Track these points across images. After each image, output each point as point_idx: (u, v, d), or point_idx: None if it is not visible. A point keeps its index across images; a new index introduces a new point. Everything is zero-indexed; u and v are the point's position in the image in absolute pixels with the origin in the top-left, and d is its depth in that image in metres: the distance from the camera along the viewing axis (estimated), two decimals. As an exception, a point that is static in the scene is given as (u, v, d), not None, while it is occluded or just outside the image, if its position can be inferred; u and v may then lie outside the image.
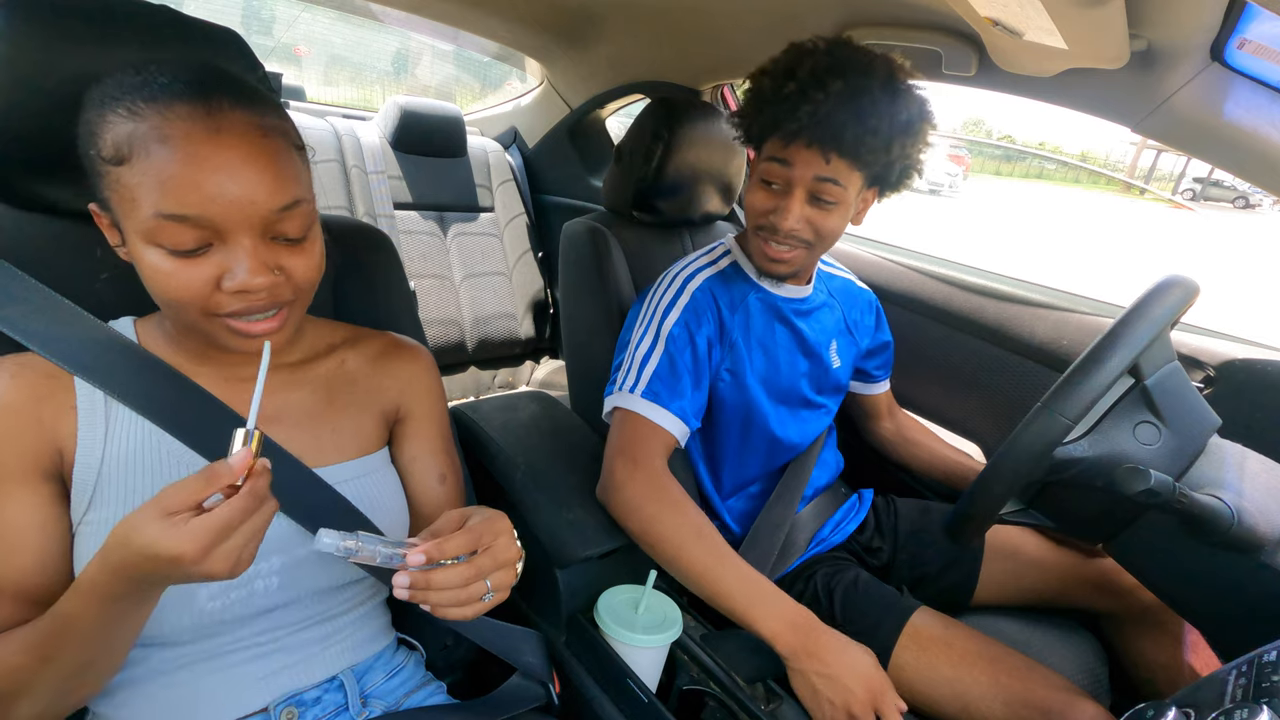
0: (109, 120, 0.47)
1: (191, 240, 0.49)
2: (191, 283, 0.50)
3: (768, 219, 0.90)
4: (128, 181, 0.48)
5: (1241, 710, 0.47)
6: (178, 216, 0.47)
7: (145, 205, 0.47)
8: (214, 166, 0.47)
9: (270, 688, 0.62)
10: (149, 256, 0.49)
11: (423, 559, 0.48)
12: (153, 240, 0.49)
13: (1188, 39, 0.78)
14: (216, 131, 0.48)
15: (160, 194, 0.47)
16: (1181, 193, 19.54)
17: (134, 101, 0.47)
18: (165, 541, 0.40)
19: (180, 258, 0.49)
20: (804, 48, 0.86)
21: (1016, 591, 1.04)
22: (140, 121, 0.47)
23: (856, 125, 0.81)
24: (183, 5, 0.70)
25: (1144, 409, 0.72)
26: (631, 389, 0.91)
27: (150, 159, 0.47)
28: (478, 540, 0.51)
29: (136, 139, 0.47)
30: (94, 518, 0.54)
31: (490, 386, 2.12)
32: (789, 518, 1.02)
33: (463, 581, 0.49)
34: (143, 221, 0.48)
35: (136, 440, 0.57)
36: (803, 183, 0.87)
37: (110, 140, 0.47)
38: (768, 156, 0.89)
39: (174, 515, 0.41)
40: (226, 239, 0.50)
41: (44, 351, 0.55)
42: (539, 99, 2.07)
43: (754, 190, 0.92)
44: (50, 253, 0.65)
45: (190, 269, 0.49)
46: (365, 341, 0.72)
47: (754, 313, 1.00)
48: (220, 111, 0.48)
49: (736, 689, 0.76)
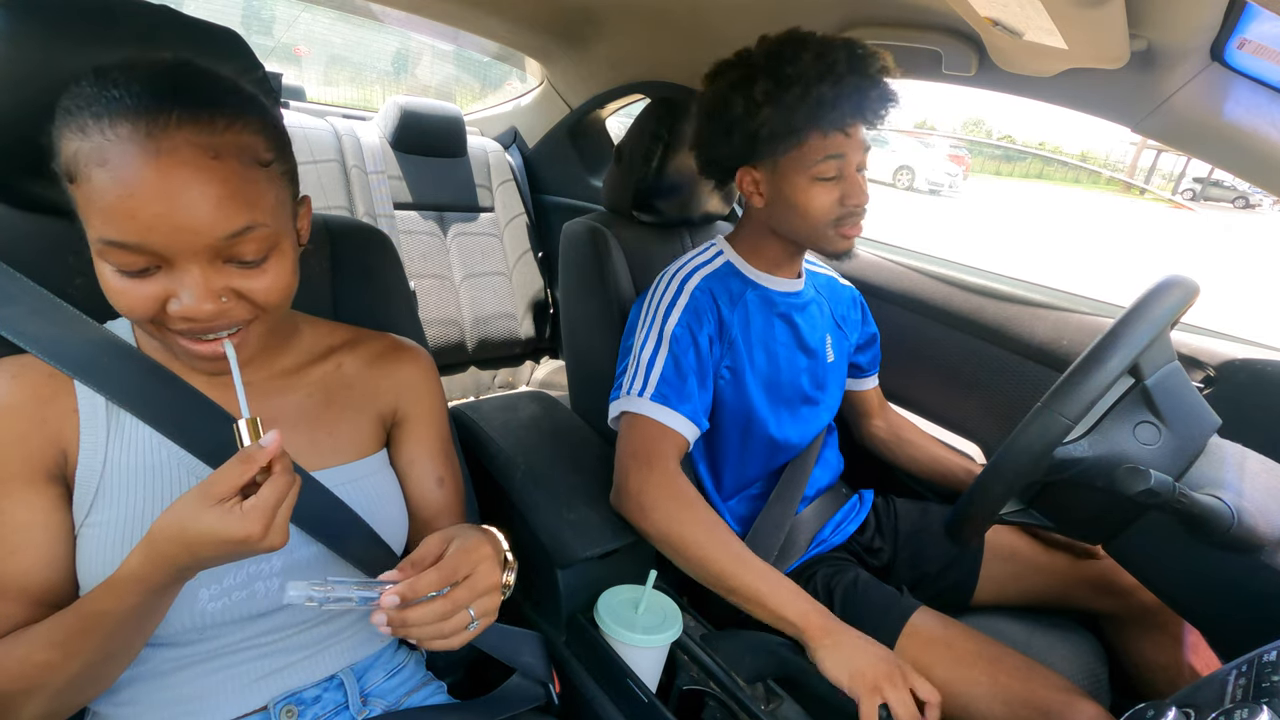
0: (64, 136, 0.46)
1: (138, 263, 0.47)
2: (139, 301, 0.49)
3: (845, 206, 0.92)
4: (79, 200, 0.47)
5: (1241, 710, 0.46)
6: (118, 244, 0.46)
7: (92, 227, 0.47)
8: (152, 194, 0.45)
9: (270, 686, 0.62)
10: (102, 270, 0.49)
11: (396, 600, 0.48)
12: (103, 258, 0.48)
13: (1188, 39, 0.78)
14: (155, 155, 0.45)
15: (101, 220, 0.46)
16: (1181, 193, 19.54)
17: (84, 117, 0.45)
18: (230, 526, 0.44)
19: (129, 277, 0.48)
20: (771, 56, 0.89)
21: (1016, 592, 1.05)
22: (85, 140, 0.45)
23: (883, 92, 0.88)
24: (183, 5, 0.70)
25: (1144, 409, 0.72)
26: (640, 393, 0.91)
27: (91, 183, 0.45)
28: (453, 573, 0.51)
29: (81, 159, 0.45)
30: (96, 520, 0.54)
31: (490, 386, 2.12)
32: (789, 517, 1.02)
33: (439, 617, 0.50)
34: (93, 242, 0.48)
35: (138, 444, 0.57)
36: (857, 157, 0.91)
37: (63, 158, 0.47)
38: (820, 158, 0.89)
39: (226, 501, 0.45)
40: (174, 264, 0.48)
41: (42, 354, 0.54)
42: (539, 99, 2.07)
43: (808, 190, 0.91)
44: (50, 254, 0.65)
45: (138, 287, 0.48)
46: (364, 343, 0.71)
47: (752, 310, 1.00)
48: (163, 131, 0.45)
49: (736, 689, 0.76)
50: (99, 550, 0.54)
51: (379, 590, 0.49)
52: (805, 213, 0.93)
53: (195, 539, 0.45)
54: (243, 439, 0.48)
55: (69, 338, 0.56)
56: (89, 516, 0.55)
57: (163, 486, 0.57)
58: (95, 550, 0.54)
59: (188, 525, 0.45)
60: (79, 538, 0.55)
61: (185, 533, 0.45)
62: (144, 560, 0.47)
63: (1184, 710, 0.51)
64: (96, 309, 0.61)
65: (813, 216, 0.92)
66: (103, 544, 0.54)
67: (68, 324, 0.56)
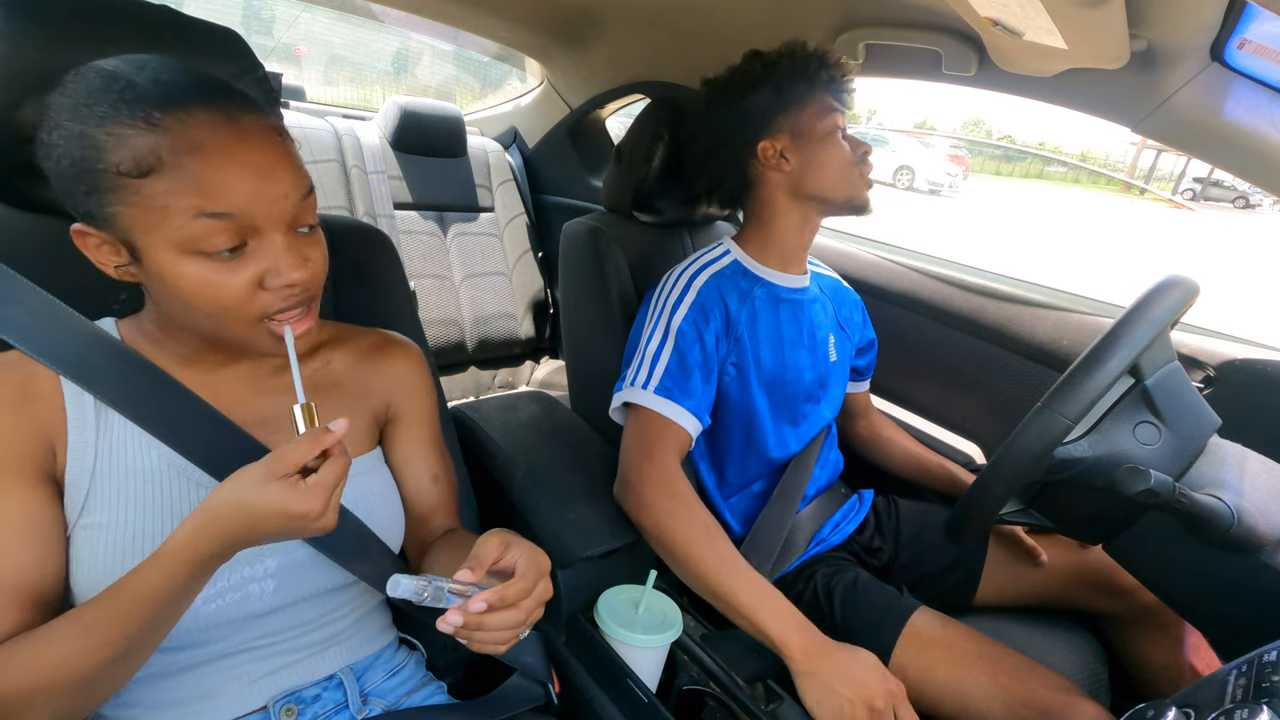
0: (118, 133, 0.46)
1: (229, 240, 0.49)
2: (236, 289, 0.51)
3: (857, 152, 0.99)
4: (155, 191, 0.47)
5: (1241, 710, 0.47)
6: (219, 214, 0.48)
7: (181, 211, 0.48)
8: (247, 166, 0.49)
9: (269, 686, 0.62)
10: (188, 268, 0.50)
11: (483, 606, 0.49)
12: (191, 248, 0.49)
13: (1188, 39, 0.78)
14: (241, 133, 0.49)
15: (199, 196, 0.48)
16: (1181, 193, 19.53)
17: (146, 110, 0.46)
18: (293, 500, 0.46)
19: (221, 263, 0.50)
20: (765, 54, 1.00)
21: (1017, 592, 1.05)
22: (158, 132, 0.46)
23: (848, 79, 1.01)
24: (183, 5, 0.70)
25: (1144, 409, 0.72)
26: (644, 385, 0.92)
27: (184, 168, 0.47)
28: (532, 585, 0.52)
29: (165, 149, 0.47)
30: (89, 522, 0.54)
31: (490, 386, 2.12)
32: (790, 516, 1.02)
33: (514, 625, 0.51)
34: (179, 229, 0.48)
35: (128, 444, 0.56)
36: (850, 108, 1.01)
37: (128, 154, 0.46)
38: (830, 109, 0.98)
39: (288, 478, 0.46)
40: (261, 236, 0.51)
41: (32, 352, 0.54)
42: (539, 99, 2.07)
43: (828, 147, 0.97)
44: (48, 253, 0.65)
45: (232, 275, 0.50)
46: (352, 339, 0.71)
47: (760, 306, 1.01)
48: (238, 114, 0.50)
49: (736, 689, 0.76)
50: (92, 554, 0.53)
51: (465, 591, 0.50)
52: (834, 160, 0.98)
53: (256, 511, 0.46)
54: (298, 423, 0.50)
55: (61, 336, 0.55)
56: (81, 519, 0.54)
57: (153, 489, 0.56)
58: (89, 554, 0.53)
59: (249, 497, 0.46)
60: (71, 540, 0.54)
61: (246, 504, 0.46)
62: (197, 532, 0.47)
63: (1184, 710, 0.51)
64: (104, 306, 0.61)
65: (842, 159, 0.98)
66: (96, 547, 0.53)
67: (58, 321, 0.56)
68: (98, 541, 0.53)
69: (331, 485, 0.47)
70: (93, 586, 0.53)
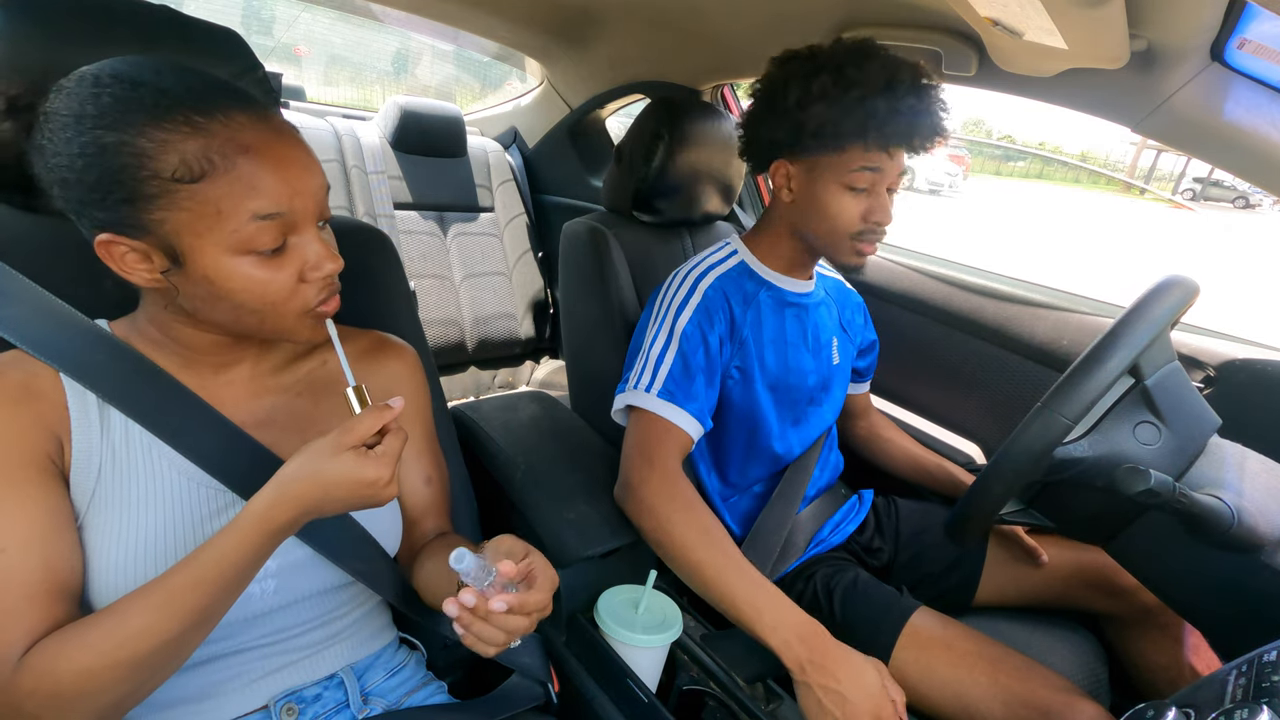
0: (163, 139, 0.46)
1: (275, 239, 0.51)
2: (284, 283, 0.53)
3: (867, 221, 0.91)
4: (209, 194, 0.48)
5: (1241, 710, 0.46)
6: (273, 215, 0.50)
7: (237, 213, 0.49)
8: (290, 163, 0.51)
9: (270, 685, 0.62)
10: (240, 268, 0.51)
11: (503, 607, 0.50)
12: (245, 248, 0.50)
13: (1188, 39, 0.78)
14: (279, 133, 0.51)
15: (253, 197, 0.49)
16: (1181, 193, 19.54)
17: (185, 113, 0.47)
18: (365, 468, 0.49)
19: (269, 260, 0.52)
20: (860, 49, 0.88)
21: (1017, 592, 1.05)
22: (204, 135, 0.48)
23: (939, 121, 0.89)
24: (183, 5, 0.70)
25: (1144, 409, 0.72)
26: (647, 388, 0.91)
27: (238, 169, 0.48)
28: (546, 600, 0.53)
29: (214, 151, 0.48)
30: (94, 521, 0.54)
31: (490, 386, 2.12)
32: (790, 517, 1.02)
33: (520, 630, 0.52)
34: (234, 231, 0.49)
35: (131, 443, 0.56)
36: (893, 178, 0.91)
37: (176, 159, 0.47)
38: (857, 167, 0.88)
39: (357, 449, 0.50)
40: (299, 231, 0.53)
41: (33, 350, 0.54)
42: (539, 99, 2.07)
43: (838, 197, 0.90)
44: (49, 254, 0.65)
45: (279, 271, 0.53)
46: (349, 340, 0.70)
47: (765, 310, 1.00)
48: (270, 116, 0.52)
49: (736, 689, 0.76)
50: (98, 551, 0.53)
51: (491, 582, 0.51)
52: (829, 217, 0.92)
53: (330, 479, 0.49)
54: (353, 405, 0.53)
55: (60, 334, 0.55)
56: (86, 518, 0.54)
57: (159, 487, 0.56)
58: (94, 551, 0.53)
59: (322, 467, 0.49)
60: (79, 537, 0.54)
61: (320, 474, 0.49)
62: (272, 503, 0.50)
63: (1184, 710, 0.51)
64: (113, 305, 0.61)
65: (836, 223, 0.92)
66: (98, 546, 0.53)
67: (59, 320, 0.56)
68: (101, 540, 0.53)
69: (396, 455, 0.51)
70: (98, 584, 0.53)
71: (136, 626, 0.48)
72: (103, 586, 0.53)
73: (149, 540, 0.54)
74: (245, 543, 0.49)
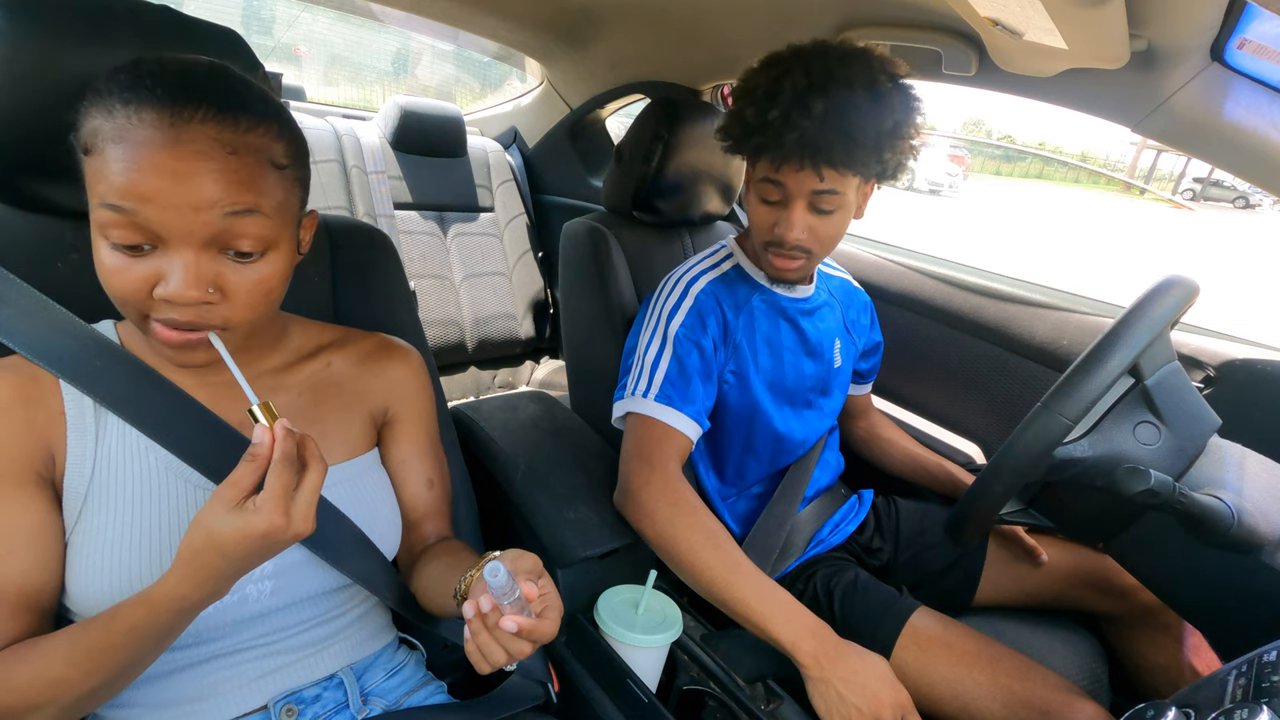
0: (90, 113, 0.49)
1: (132, 237, 0.49)
2: (129, 281, 0.50)
3: (773, 233, 0.90)
4: (89, 171, 0.49)
5: (1241, 710, 0.46)
6: (115, 207, 0.48)
7: (95, 195, 0.49)
8: (160, 170, 0.47)
9: (269, 686, 0.62)
10: (100, 248, 0.50)
11: (514, 628, 0.49)
12: (101, 232, 0.50)
13: (1188, 39, 0.78)
14: (174, 141, 0.47)
15: (106, 186, 0.48)
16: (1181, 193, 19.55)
17: (112, 100, 0.48)
18: (252, 523, 0.45)
19: (124, 253, 0.49)
20: (781, 64, 0.85)
21: (1017, 592, 1.04)
22: (109, 120, 0.48)
23: (845, 140, 0.81)
24: (183, 5, 0.70)
25: (1144, 409, 0.72)
26: (645, 393, 0.91)
27: (105, 155, 0.48)
28: (556, 629, 0.52)
29: (100, 135, 0.48)
30: (87, 526, 0.54)
31: (490, 386, 2.12)
32: (790, 517, 1.02)
33: (521, 655, 0.51)
34: (94, 210, 0.49)
35: (126, 447, 0.56)
36: (801, 195, 0.87)
37: (84, 131, 0.49)
38: (762, 177, 0.89)
39: (242, 502, 0.46)
40: (168, 245, 0.49)
41: (31, 355, 0.54)
42: (539, 99, 2.07)
43: (755, 205, 0.92)
44: (47, 254, 0.65)
45: (131, 267, 0.50)
46: (354, 342, 0.71)
47: (758, 314, 1.00)
48: (186, 124, 0.48)
49: (736, 689, 0.76)
50: (89, 556, 0.53)
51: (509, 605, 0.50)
52: (751, 224, 0.94)
53: (227, 542, 0.46)
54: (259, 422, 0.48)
55: (59, 339, 0.55)
56: (79, 523, 0.54)
57: (151, 491, 0.56)
58: (85, 556, 0.53)
59: (214, 531, 0.46)
60: (69, 544, 0.54)
61: (213, 538, 0.46)
62: (180, 579, 0.47)
63: (1184, 710, 0.51)
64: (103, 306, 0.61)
65: (754, 230, 0.94)
66: (93, 550, 0.53)
67: (58, 325, 0.56)
68: (96, 544, 0.54)
69: (279, 495, 0.46)
70: (90, 589, 0.53)
71: (54, 676, 0.48)
72: (99, 589, 0.53)
73: (143, 543, 0.54)
74: (159, 619, 0.48)
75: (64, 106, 0.51)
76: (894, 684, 0.74)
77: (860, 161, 0.84)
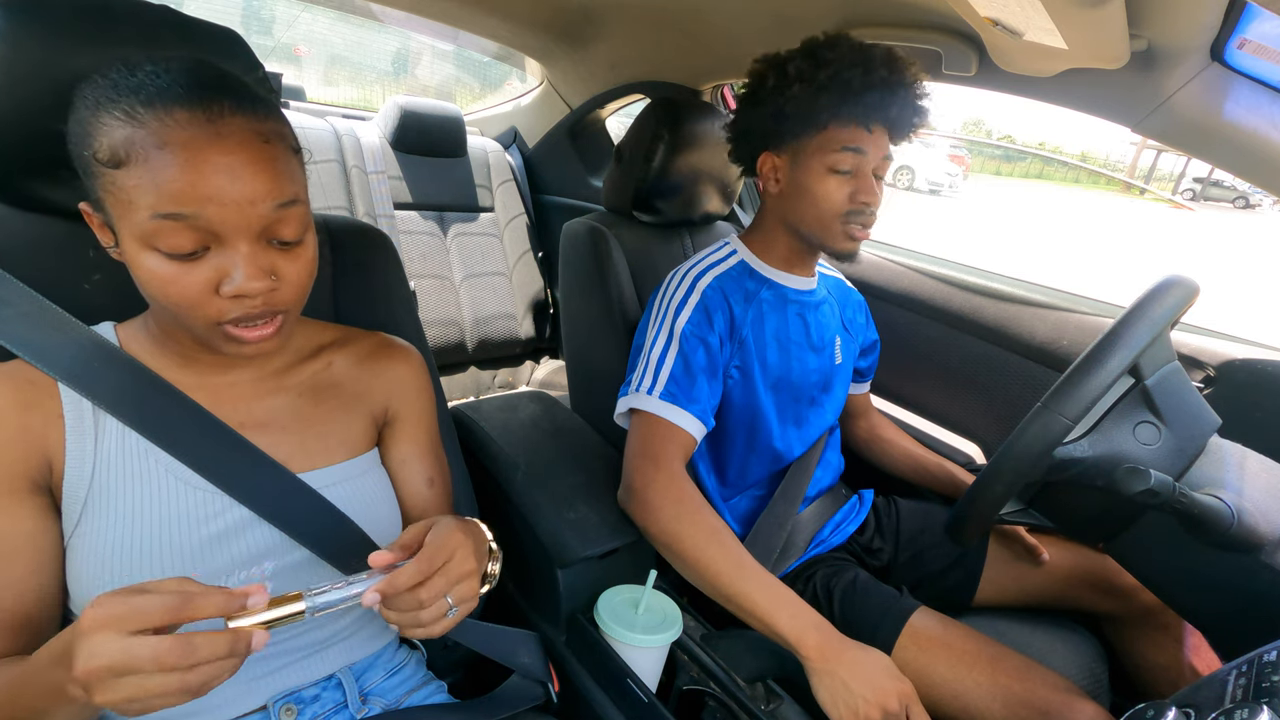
0: (104, 123, 0.47)
1: (189, 243, 0.48)
2: (190, 288, 0.50)
3: (856, 202, 0.91)
4: (124, 184, 0.47)
5: (1241, 710, 0.46)
6: (175, 215, 0.47)
7: (142, 207, 0.47)
8: (214, 169, 0.47)
9: (269, 686, 0.62)
10: (146, 261, 0.49)
11: (377, 599, 0.48)
12: (150, 244, 0.48)
13: (1188, 39, 0.78)
14: (218, 137, 0.48)
15: (157, 196, 0.47)
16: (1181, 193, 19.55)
17: (131, 104, 0.47)
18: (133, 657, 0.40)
19: (178, 261, 0.49)
20: (834, 38, 0.91)
21: (1017, 592, 1.05)
22: (137, 125, 0.46)
23: (912, 103, 0.90)
24: (183, 5, 0.70)
25: (1144, 409, 0.72)
26: (649, 390, 0.91)
27: (149, 163, 0.46)
28: (430, 565, 0.50)
29: (135, 144, 0.46)
30: (86, 529, 0.54)
31: (490, 386, 2.12)
32: (791, 517, 1.02)
33: (417, 606, 0.50)
34: (139, 224, 0.48)
35: (126, 450, 0.56)
36: (875, 162, 0.91)
37: (106, 144, 0.47)
38: (840, 146, 0.90)
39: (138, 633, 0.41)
40: (224, 243, 0.50)
41: (29, 357, 0.54)
42: (539, 99, 2.07)
43: (822, 179, 0.92)
44: (47, 254, 0.65)
45: (188, 273, 0.49)
46: (354, 342, 0.71)
47: (766, 309, 1.00)
48: (221, 117, 0.48)
49: (736, 689, 0.76)
50: (89, 559, 0.53)
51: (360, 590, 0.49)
52: (816, 202, 0.93)
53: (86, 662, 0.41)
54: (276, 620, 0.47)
55: (57, 341, 0.55)
56: (78, 527, 0.54)
57: (150, 494, 0.56)
58: (84, 561, 0.53)
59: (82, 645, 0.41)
60: (69, 548, 0.54)
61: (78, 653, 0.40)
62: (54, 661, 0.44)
63: (1184, 710, 0.51)
64: (113, 306, 0.61)
65: (824, 207, 0.92)
66: (93, 553, 0.53)
67: (57, 327, 0.56)
68: (95, 547, 0.53)
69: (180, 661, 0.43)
70: (90, 592, 0.53)
71: None
72: (99, 591, 0.52)
73: (142, 545, 0.54)
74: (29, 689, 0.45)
75: (64, 106, 0.51)
76: (897, 675, 0.74)
77: (916, 130, 0.93)
